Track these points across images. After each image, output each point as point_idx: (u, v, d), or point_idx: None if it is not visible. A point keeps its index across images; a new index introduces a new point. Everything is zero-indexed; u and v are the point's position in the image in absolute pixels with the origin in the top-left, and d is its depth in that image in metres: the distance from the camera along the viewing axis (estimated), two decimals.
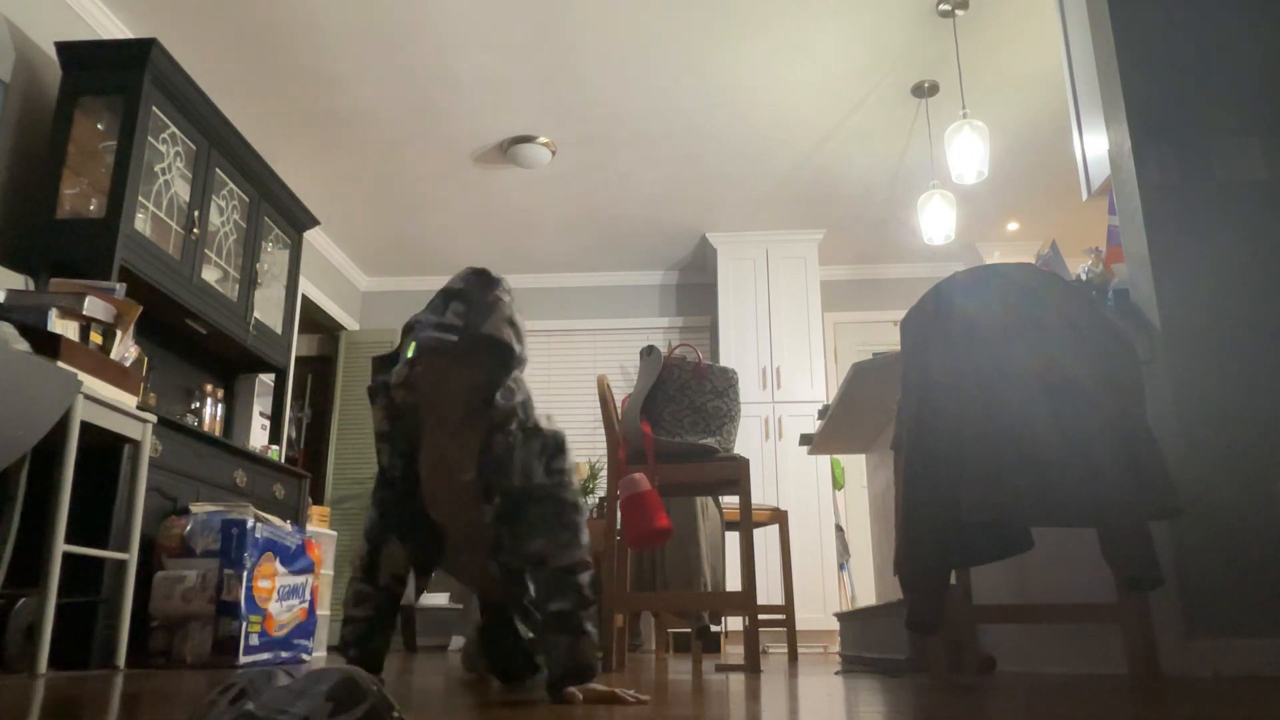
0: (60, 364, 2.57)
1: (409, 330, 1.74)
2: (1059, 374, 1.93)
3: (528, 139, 4.94)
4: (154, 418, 3.05)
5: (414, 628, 5.42)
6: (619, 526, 2.80)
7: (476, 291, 1.61)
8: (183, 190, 3.79)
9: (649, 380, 2.90)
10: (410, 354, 1.67)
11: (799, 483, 5.73)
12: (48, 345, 2.58)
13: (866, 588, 6.01)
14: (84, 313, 2.86)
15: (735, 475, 2.86)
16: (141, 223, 3.51)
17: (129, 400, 2.92)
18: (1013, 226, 6.08)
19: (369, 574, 1.72)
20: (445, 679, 2.34)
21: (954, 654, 2.54)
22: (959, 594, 2.30)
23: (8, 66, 3.37)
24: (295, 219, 4.84)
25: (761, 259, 6.18)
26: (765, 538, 5.52)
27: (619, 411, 3.07)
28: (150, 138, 3.53)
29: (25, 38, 3.47)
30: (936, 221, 4.40)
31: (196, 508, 3.36)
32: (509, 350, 1.62)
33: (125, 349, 3.03)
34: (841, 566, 5.77)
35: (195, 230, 3.81)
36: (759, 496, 5.70)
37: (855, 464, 6.33)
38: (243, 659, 3.11)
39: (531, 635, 1.90)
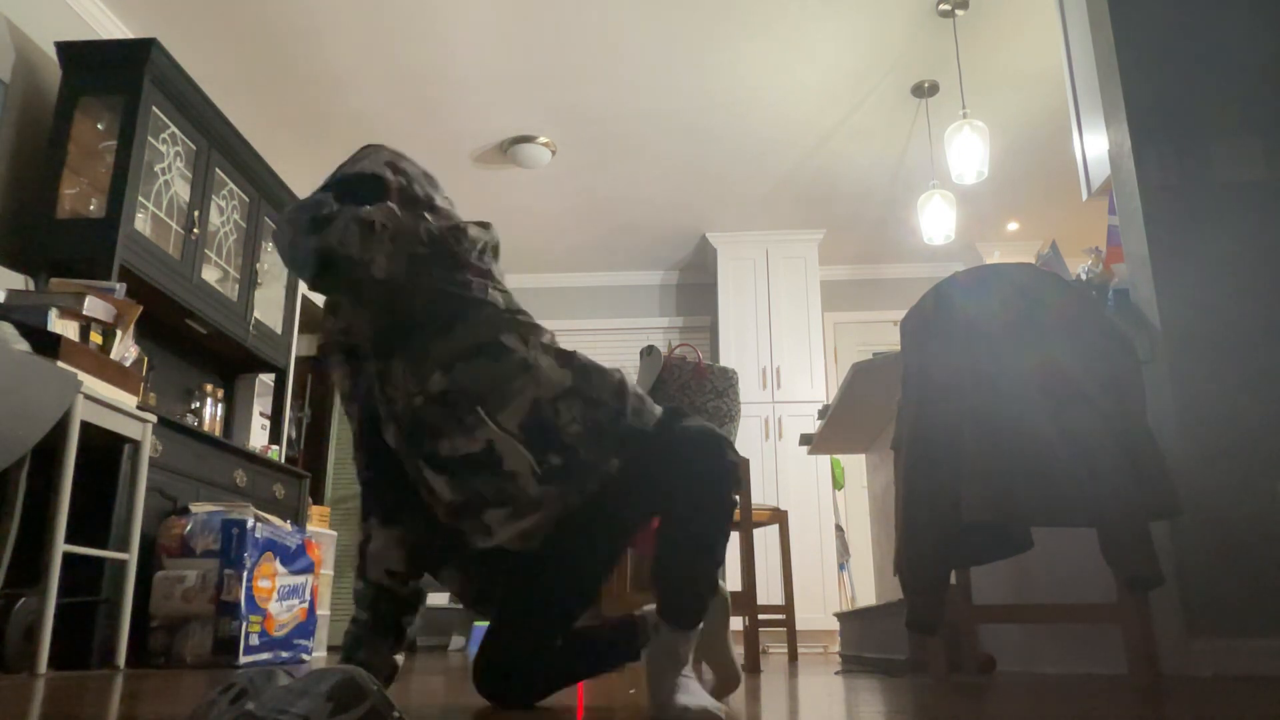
0: (60, 364, 2.57)
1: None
2: (1059, 374, 1.94)
3: (528, 139, 4.94)
4: (154, 418, 3.05)
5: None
6: None
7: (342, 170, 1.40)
8: (183, 190, 3.79)
9: (649, 380, 2.90)
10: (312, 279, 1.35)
11: (799, 483, 5.73)
12: (48, 345, 2.58)
13: (866, 588, 6.01)
14: (84, 313, 2.86)
15: None
16: (141, 223, 3.51)
17: (129, 400, 2.92)
18: (1013, 226, 6.08)
19: (359, 569, 1.42)
20: (445, 679, 2.34)
21: (954, 654, 2.55)
22: (959, 594, 2.30)
23: (8, 66, 3.37)
24: None
25: (761, 259, 6.18)
26: (765, 538, 5.52)
27: None
28: (150, 138, 3.53)
29: (25, 38, 3.47)
30: (936, 221, 4.40)
31: (196, 508, 3.36)
32: (379, 183, 1.35)
33: (125, 349, 3.03)
34: (841, 566, 5.77)
35: (195, 230, 3.81)
36: (759, 496, 5.70)
37: (855, 464, 6.33)
38: (243, 659, 3.11)
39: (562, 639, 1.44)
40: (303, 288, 5.72)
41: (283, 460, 4.53)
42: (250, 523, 3.25)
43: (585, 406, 1.30)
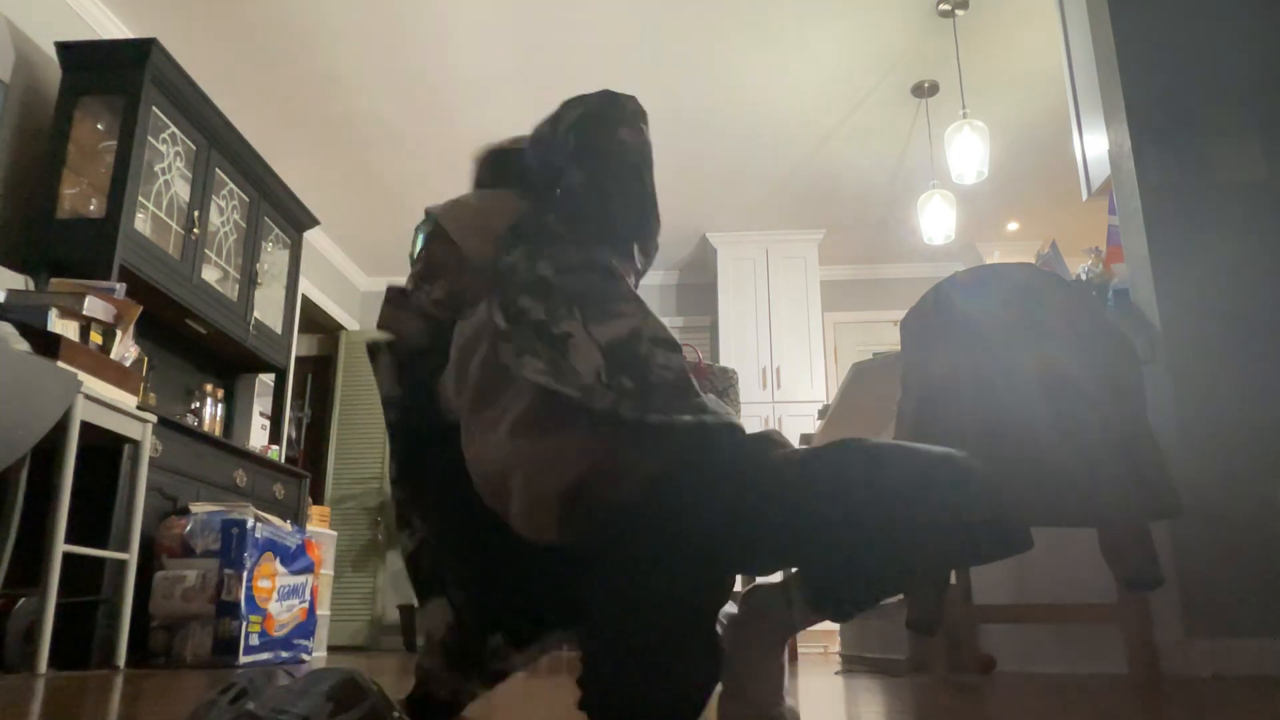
0: (60, 364, 2.57)
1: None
2: (1059, 374, 1.93)
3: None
4: (154, 418, 3.05)
5: (414, 627, 5.42)
6: None
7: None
8: (183, 190, 3.78)
9: None
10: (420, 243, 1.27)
11: None
12: (48, 345, 2.58)
13: None
14: (84, 313, 2.86)
15: None
16: (141, 223, 3.51)
17: (129, 400, 2.92)
18: (1013, 226, 6.08)
19: (416, 584, 1.25)
20: None
21: (954, 654, 2.54)
22: (959, 594, 2.30)
23: (8, 66, 3.37)
24: (295, 219, 4.84)
25: (761, 259, 6.18)
26: None
27: None
28: (150, 138, 3.53)
29: (25, 38, 3.47)
30: (936, 221, 4.40)
31: (196, 508, 3.36)
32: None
33: (125, 349, 3.03)
34: None
35: (195, 230, 3.81)
36: None
37: None
38: (243, 659, 3.11)
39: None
40: (303, 286, 5.72)
41: (283, 460, 4.53)
42: (250, 523, 3.25)
43: (685, 365, 1.14)
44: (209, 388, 4.22)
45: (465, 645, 1.20)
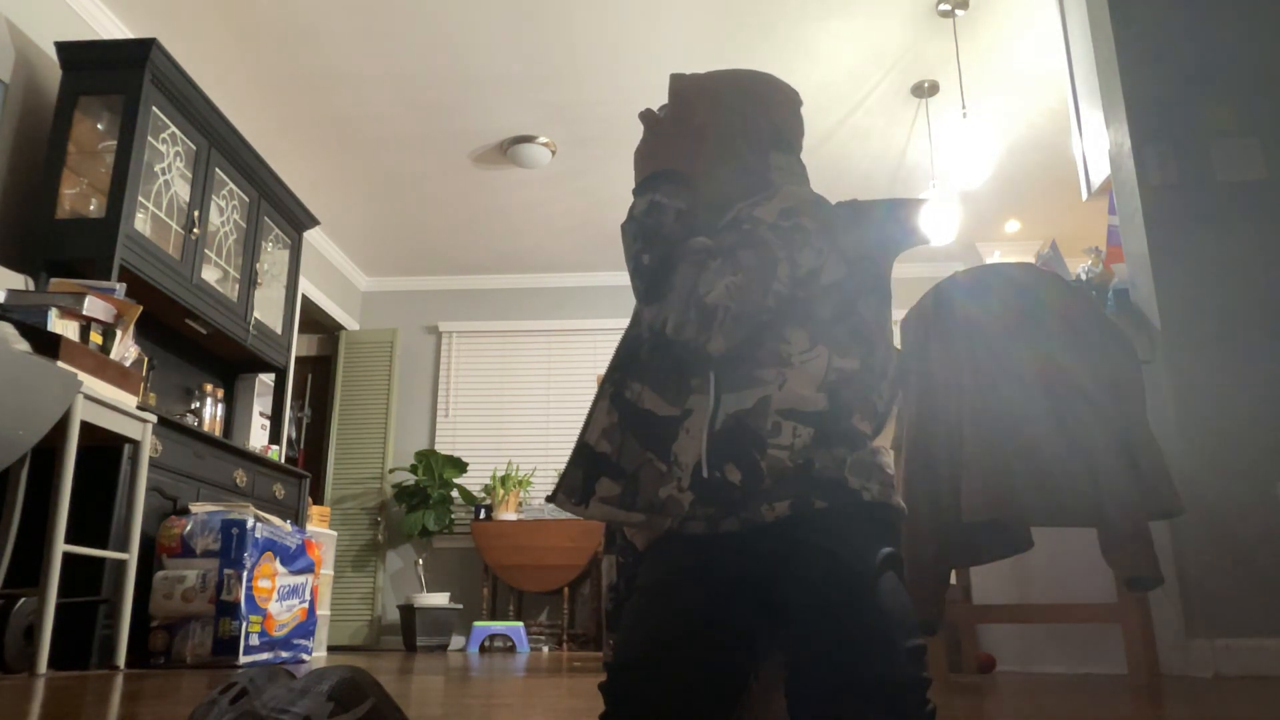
0: (60, 364, 2.57)
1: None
2: (1059, 374, 1.93)
3: (528, 139, 4.93)
4: (154, 418, 3.05)
5: (414, 627, 5.42)
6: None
7: None
8: (183, 190, 3.78)
9: None
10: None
11: None
12: (48, 345, 2.58)
13: None
14: (84, 313, 2.86)
15: None
16: (141, 223, 3.51)
17: (129, 400, 2.92)
18: (1013, 226, 6.08)
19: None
20: (445, 679, 2.34)
21: (954, 654, 2.54)
22: (959, 594, 2.30)
23: (8, 66, 3.37)
24: (295, 219, 4.84)
25: None
26: None
27: None
28: (150, 138, 3.53)
29: (25, 38, 3.47)
30: (937, 221, 4.40)
31: (196, 508, 3.36)
32: None
33: (125, 349, 3.03)
34: None
35: (195, 230, 3.81)
36: None
37: None
38: (243, 659, 3.11)
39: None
40: (303, 286, 5.72)
41: (283, 460, 4.53)
42: (250, 523, 3.25)
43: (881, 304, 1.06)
44: (209, 388, 4.22)
45: None
